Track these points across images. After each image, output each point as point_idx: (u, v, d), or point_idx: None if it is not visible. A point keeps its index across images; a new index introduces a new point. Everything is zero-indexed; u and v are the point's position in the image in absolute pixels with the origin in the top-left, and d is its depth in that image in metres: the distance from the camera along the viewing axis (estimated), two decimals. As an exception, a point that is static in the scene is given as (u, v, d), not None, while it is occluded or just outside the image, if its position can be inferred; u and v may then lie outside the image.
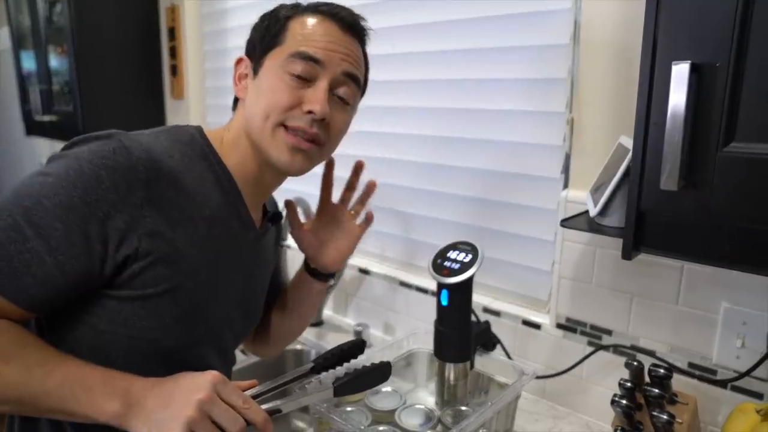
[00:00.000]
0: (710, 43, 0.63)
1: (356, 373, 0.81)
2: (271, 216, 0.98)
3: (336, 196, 1.05)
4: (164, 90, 2.44)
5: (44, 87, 2.50)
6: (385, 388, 1.07)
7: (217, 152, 0.84)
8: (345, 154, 1.68)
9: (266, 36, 0.84)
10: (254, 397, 0.74)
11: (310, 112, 0.80)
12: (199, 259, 0.78)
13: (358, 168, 1.03)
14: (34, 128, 2.74)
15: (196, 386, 0.66)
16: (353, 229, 1.03)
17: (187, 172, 0.78)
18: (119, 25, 2.27)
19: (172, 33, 2.30)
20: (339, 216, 1.02)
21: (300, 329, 1.13)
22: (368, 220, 1.04)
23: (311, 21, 0.83)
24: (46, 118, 2.51)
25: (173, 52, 2.32)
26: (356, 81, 0.86)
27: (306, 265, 1.04)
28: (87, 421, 0.68)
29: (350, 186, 1.04)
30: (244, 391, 0.71)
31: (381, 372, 0.83)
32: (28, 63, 2.71)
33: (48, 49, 2.44)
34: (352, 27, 0.85)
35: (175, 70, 2.34)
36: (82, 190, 0.69)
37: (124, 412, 0.66)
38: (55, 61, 2.46)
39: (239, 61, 0.88)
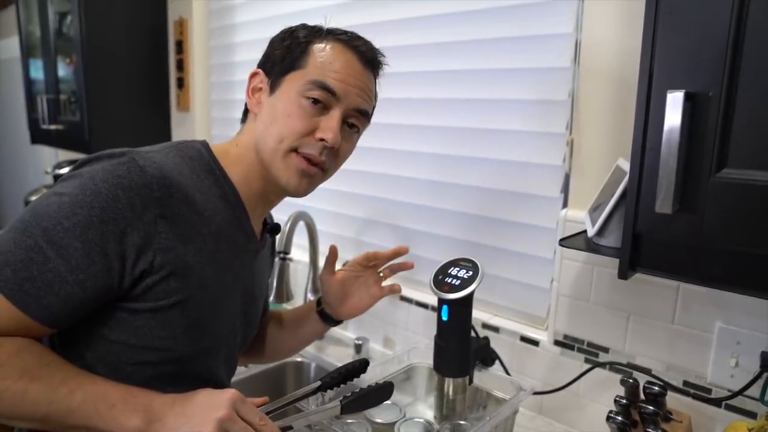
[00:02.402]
0: (703, 73, 0.66)
1: (362, 392, 0.83)
2: (271, 228, 1.01)
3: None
4: (170, 102, 2.47)
5: (52, 96, 2.53)
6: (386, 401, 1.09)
7: (223, 167, 0.86)
8: (350, 169, 1.71)
9: (287, 56, 0.85)
10: (266, 414, 0.76)
11: (322, 140, 0.83)
12: (207, 272, 0.81)
13: (401, 251, 1.10)
14: (39, 137, 2.77)
15: (215, 404, 0.68)
16: (376, 291, 1.10)
17: (196, 188, 0.80)
18: (128, 37, 2.31)
19: (180, 46, 2.34)
20: (368, 275, 1.09)
21: (296, 351, 1.20)
22: (393, 290, 1.12)
23: (333, 50, 0.85)
24: (53, 127, 2.54)
25: (180, 65, 2.36)
26: (366, 115, 0.90)
27: (318, 306, 1.09)
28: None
29: (388, 258, 1.10)
30: (257, 407, 0.74)
31: (384, 391, 0.86)
32: (37, 72, 2.74)
33: (57, 59, 2.47)
34: (371, 62, 0.89)
35: (181, 83, 2.37)
36: (100, 209, 0.71)
37: (145, 428, 0.68)
38: (62, 71, 2.49)
39: (254, 74, 0.89)
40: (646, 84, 0.71)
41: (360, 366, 0.94)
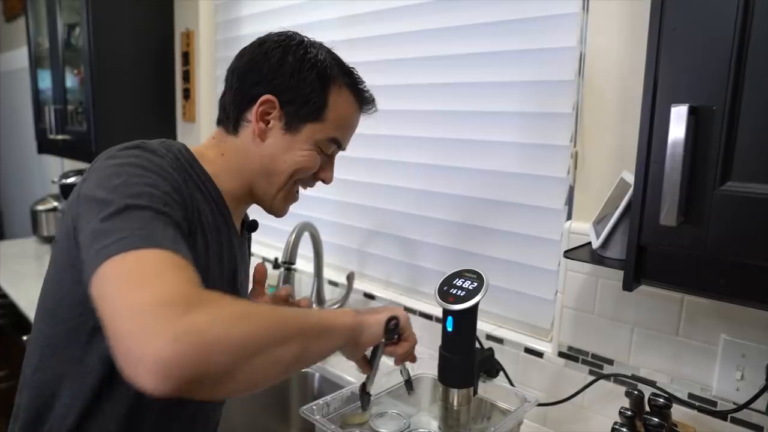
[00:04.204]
0: (707, 87, 0.67)
1: None
2: (249, 225, 1.03)
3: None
4: (176, 113, 2.49)
5: (59, 106, 2.55)
6: (391, 410, 1.09)
7: (203, 167, 0.88)
8: (356, 180, 1.72)
9: (308, 102, 0.89)
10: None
11: (322, 180, 0.97)
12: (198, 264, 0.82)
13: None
14: (46, 146, 2.79)
15: (396, 309, 0.92)
16: None
17: (182, 182, 0.82)
18: (135, 49, 2.34)
19: (186, 57, 2.36)
20: None
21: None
22: None
23: (346, 104, 0.93)
24: (60, 137, 2.56)
25: (186, 76, 2.38)
26: None
27: None
28: (331, 345, 0.78)
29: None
30: None
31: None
32: (44, 83, 2.77)
33: (65, 70, 2.50)
34: (366, 110, 0.98)
35: (187, 94, 2.39)
36: (171, 181, 0.76)
37: (357, 320, 0.83)
38: (70, 82, 2.52)
39: (267, 101, 0.88)
40: (650, 97, 0.72)
41: None
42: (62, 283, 0.78)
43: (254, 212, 1.01)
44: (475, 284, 0.98)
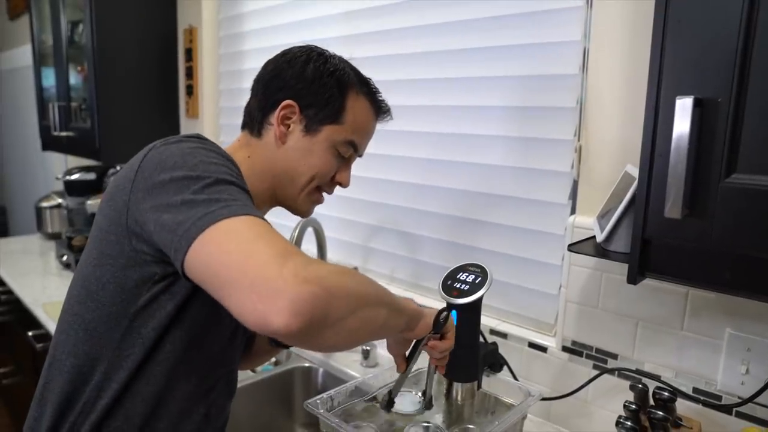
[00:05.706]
0: (712, 79, 0.66)
1: None
2: None
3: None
4: (179, 109, 2.49)
5: (63, 104, 2.56)
6: (406, 390, 1.09)
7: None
8: (360, 176, 1.72)
9: (327, 106, 0.93)
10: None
11: (340, 183, 1.01)
12: None
13: None
14: (50, 143, 2.80)
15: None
16: None
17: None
18: (138, 45, 2.34)
19: (190, 54, 2.36)
20: None
21: (251, 363, 1.20)
22: None
23: (363, 110, 0.97)
24: (63, 134, 2.56)
25: (190, 73, 2.38)
26: None
27: None
28: (400, 323, 0.81)
29: None
30: None
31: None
32: (48, 80, 2.77)
33: (68, 68, 2.50)
34: (381, 119, 1.03)
35: (190, 90, 2.39)
36: (236, 168, 0.81)
37: (417, 308, 0.85)
38: (74, 79, 2.52)
39: (288, 105, 0.93)
40: (654, 90, 0.71)
41: None
42: (107, 268, 0.79)
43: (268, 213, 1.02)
44: (479, 278, 0.98)
